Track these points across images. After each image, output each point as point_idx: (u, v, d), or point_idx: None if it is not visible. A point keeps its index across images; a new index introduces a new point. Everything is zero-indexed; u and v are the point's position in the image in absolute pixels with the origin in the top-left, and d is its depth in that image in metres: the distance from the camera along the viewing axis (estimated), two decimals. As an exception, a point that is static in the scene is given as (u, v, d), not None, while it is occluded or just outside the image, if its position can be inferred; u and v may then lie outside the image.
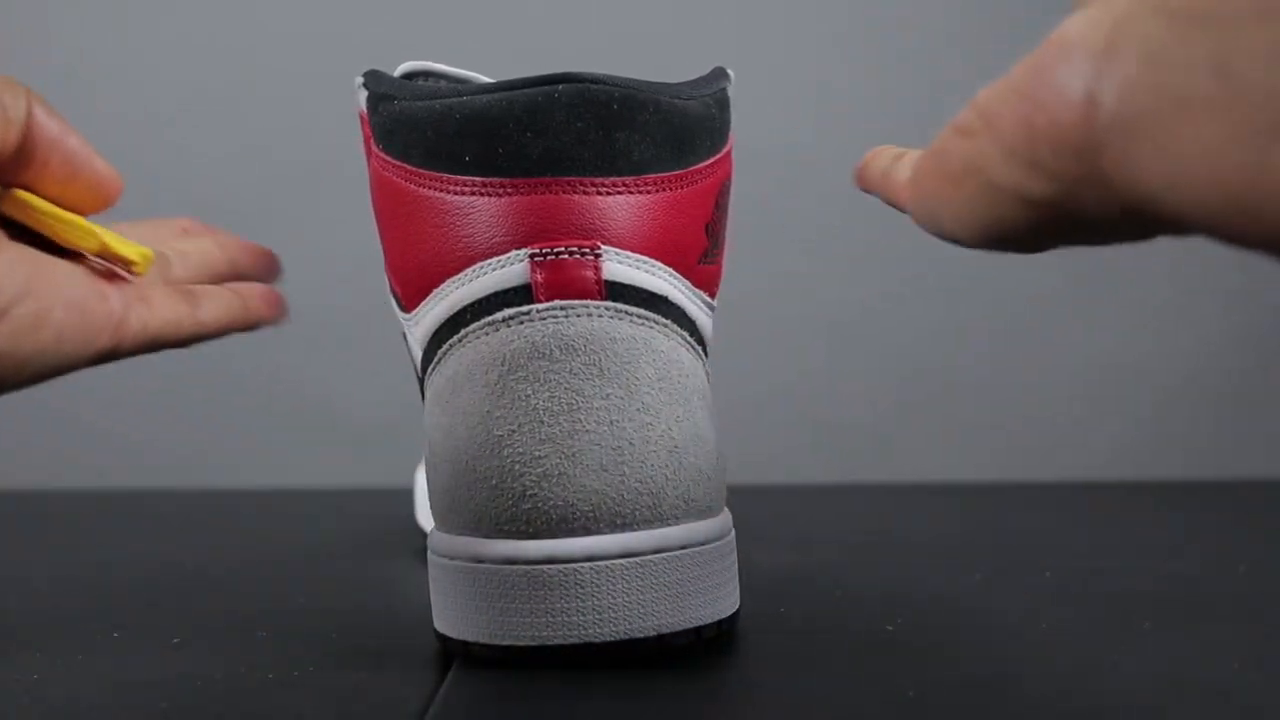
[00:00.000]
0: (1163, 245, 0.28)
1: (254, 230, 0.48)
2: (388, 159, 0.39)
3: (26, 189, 0.37)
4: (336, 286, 0.84)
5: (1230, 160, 0.23)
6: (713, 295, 0.41)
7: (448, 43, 0.88)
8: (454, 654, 0.38)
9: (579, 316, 0.37)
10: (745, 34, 0.90)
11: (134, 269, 0.38)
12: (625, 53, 0.71)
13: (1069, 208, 0.27)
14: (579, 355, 0.36)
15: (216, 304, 0.42)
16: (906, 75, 0.90)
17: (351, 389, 0.89)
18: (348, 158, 0.50)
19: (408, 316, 0.41)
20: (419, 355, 0.41)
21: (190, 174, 0.87)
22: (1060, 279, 0.91)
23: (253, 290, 0.43)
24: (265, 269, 0.47)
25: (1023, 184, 0.27)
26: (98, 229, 0.38)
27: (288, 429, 0.90)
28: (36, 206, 0.36)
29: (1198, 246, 0.27)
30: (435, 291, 0.39)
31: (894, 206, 0.36)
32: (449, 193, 0.38)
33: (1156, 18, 0.24)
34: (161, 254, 0.42)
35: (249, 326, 0.43)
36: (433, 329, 0.39)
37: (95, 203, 0.38)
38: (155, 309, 0.39)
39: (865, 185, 0.39)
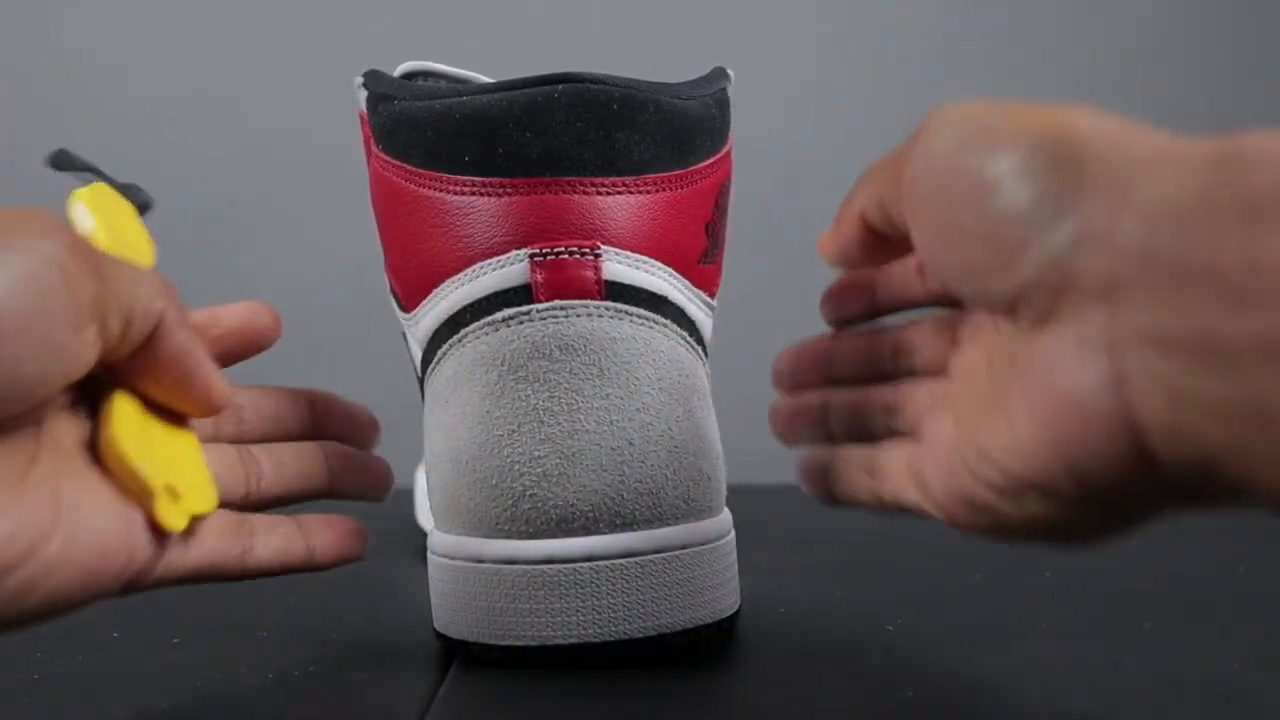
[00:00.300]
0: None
1: (254, 230, 0.48)
2: (388, 159, 0.39)
3: (132, 386, 0.33)
4: (336, 286, 0.84)
5: None
6: (712, 295, 0.41)
7: (448, 43, 0.88)
8: (454, 654, 0.38)
9: (579, 316, 0.37)
10: (745, 34, 0.90)
11: (172, 529, 0.33)
12: (625, 53, 0.71)
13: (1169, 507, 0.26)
14: (579, 355, 0.36)
15: (272, 543, 0.36)
16: (906, 76, 0.90)
17: (351, 389, 0.88)
18: (348, 158, 0.50)
19: (407, 316, 0.41)
20: (419, 355, 0.41)
21: (190, 174, 0.87)
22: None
23: (322, 526, 0.38)
24: (359, 431, 0.42)
25: (1100, 520, 0.26)
26: (165, 465, 0.33)
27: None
28: (116, 442, 0.32)
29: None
30: (435, 291, 0.39)
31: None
32: (449, 193, 0.38)
33: (1161, 355, 0.23)
34: (235, 403, 0.38)
35: (309, 569, 0.37)
36: (433, 329, 0.39)
37: (196, 413, 0.35)
38: (193, 547, 0.33)
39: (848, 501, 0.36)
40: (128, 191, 0.40)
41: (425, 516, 0.57)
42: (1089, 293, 0.24)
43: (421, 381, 0.41)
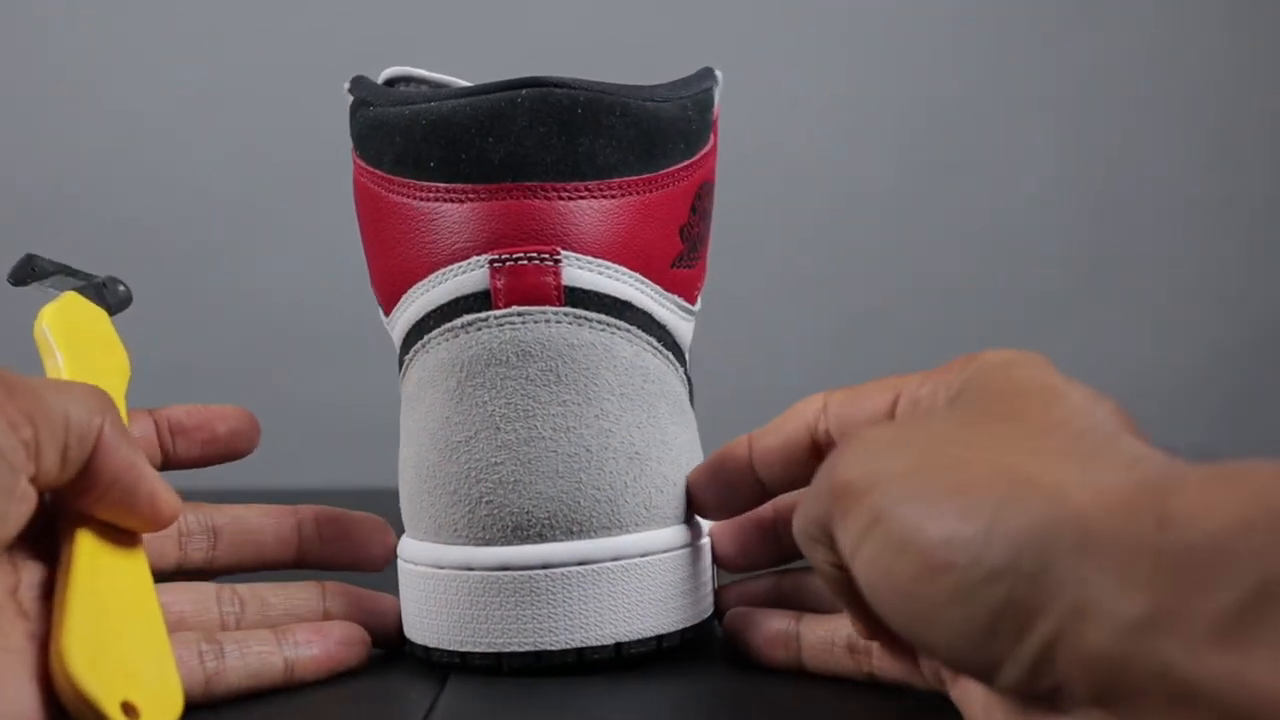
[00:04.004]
0: (1163, 247, 0.28)
1: (253, 231, 0.48)
2: (364, 165, 0.39)
3: (79, 510, 0.33)
4: (335, 286, 0.84)
5: None
6: (691, 300, 0.41)
7: (447, 43, 0.88)
8: (417, 658, 0.38)
9: (536, 323, 0.36)
10: (745, 34, 0.90)
11: None
12: (624, 53, 0.71)
13: None
14: (535, 361, 0.36)
15: (244, 662, 0.35)
16: (906, 75, 0.90)
17: (351, 389, 0.89)
18: (345, 158, 0.50)
19: (386, 320, 0.41)
20: (396, 359, 0.41)
21: (189, 174, 0.88)
22: (1060, 279, 0.90)
23: (311, 636, 0.37)
24: (363, 549, 0.41)
25: None
26: (121, 668, 0.30)
27: (288, 429, 0.90)
28: (66, 658, 0.29)
29: (1198, 249, 0.27)
30: (404, 297, 0.39)
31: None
32: (415, 199, 0.37)
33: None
34: None
35: (288, 686, 0.36)
36: (403, 334, 0.39)
37: (143, 529, 0.34)
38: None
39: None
40: (103, 291, 0.40)
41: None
42: (1080, 698, 0.24)
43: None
